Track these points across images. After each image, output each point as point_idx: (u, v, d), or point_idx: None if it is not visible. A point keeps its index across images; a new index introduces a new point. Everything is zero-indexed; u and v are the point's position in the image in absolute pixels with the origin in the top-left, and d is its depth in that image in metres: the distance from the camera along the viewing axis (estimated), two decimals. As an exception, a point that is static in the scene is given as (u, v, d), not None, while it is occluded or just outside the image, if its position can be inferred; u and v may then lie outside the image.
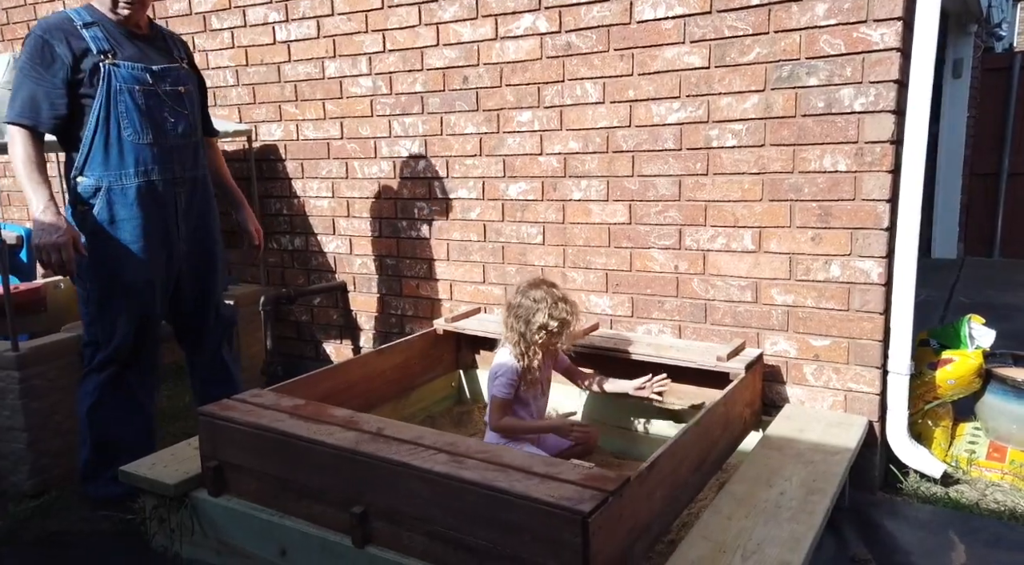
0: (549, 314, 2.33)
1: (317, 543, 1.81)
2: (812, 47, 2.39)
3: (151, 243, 2.39)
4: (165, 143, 2.40)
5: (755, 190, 2.56)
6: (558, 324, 2.34)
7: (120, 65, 2.29)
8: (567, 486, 1.53)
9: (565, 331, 2.36)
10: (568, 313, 2.35)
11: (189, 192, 2.51)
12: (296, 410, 2.00)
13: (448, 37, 3.13)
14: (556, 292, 2.40)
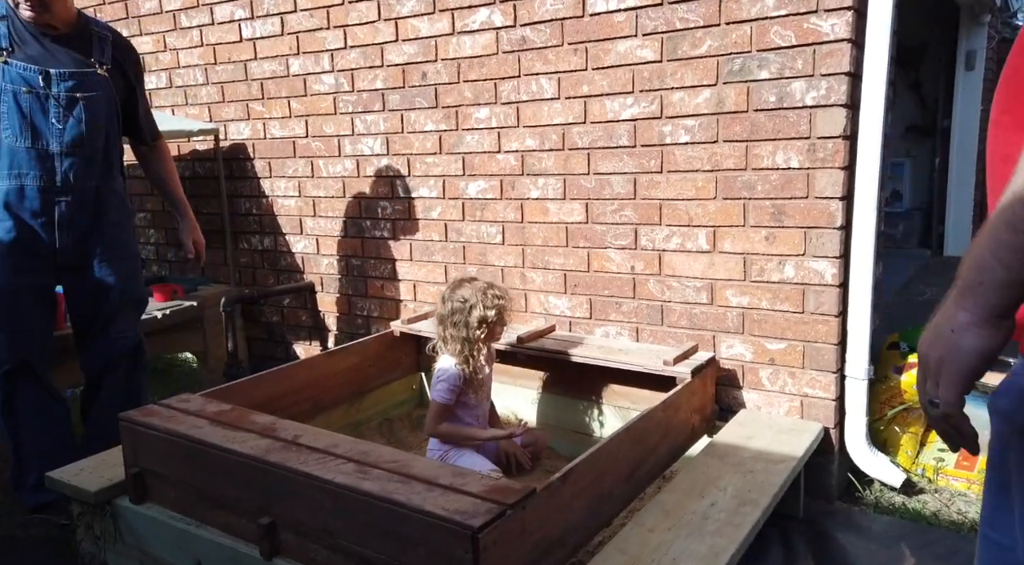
0: (483, 306, 2.29)
1: (229, 554, 1.77)
2: (763, 39, 2.30)
3: (15, 249, 2.28)
4: (46, 149, 2.28)
5: (709, 188, 2.48)
6: (495, 312, 2.31)
7: (12, 64, 2.23)
8: (466, 499, 1.47)
9: (504, 316, 2.35)
10: (500, 297, 2.33)
11: (76, 202, 2.35)
12: (218, 416, 1.95)
13: (407, 32, 3.07)
14: (479, 283, 2.37)
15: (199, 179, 3.98)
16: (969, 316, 0.71)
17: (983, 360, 0.73)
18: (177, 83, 3.96)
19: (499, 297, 2.32)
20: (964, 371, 0.73)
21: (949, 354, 0.74)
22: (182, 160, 4.04)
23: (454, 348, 2.32)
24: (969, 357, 0.73)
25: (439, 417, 2.33)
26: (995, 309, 0.71)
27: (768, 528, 2.23)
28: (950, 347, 0.73)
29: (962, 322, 0.72)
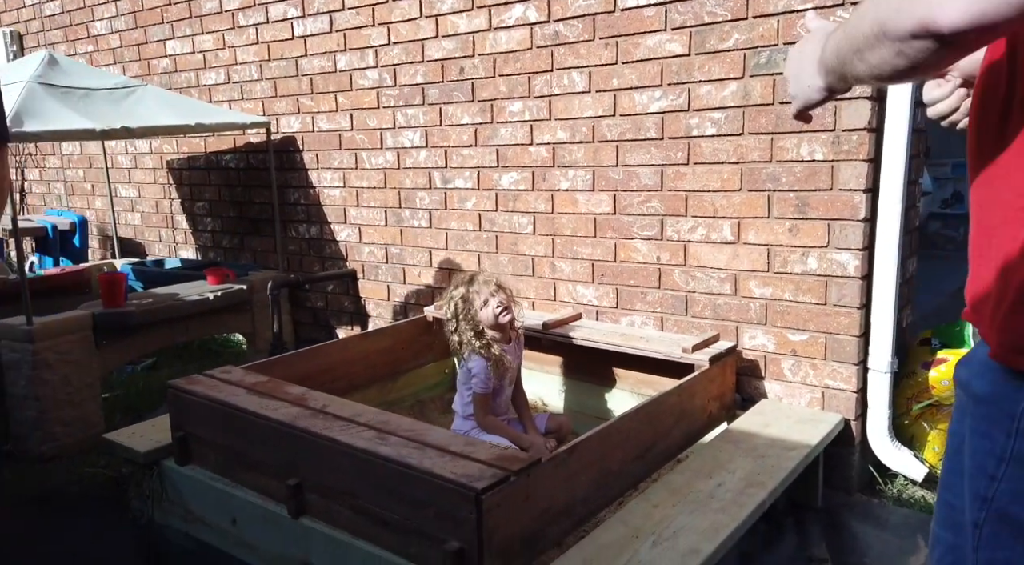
0: (477, 292, 2.36)
1: (260, 513, 1.91)
2: (789, 32, 2.32)
3: None
4: None
5: (734, 180, 2.51)
6: (494, 288, 2.37)
7: None
8: (474, 465, 1.56)
9: (504, 289, 2.40)
10: (488, 278, 2.40)
11: None
12: (254, 386, 2.10)
13: (446, 28, 3.18)
14: (462, 276, 2.48)
15: (252, 170, 4.18)
16: (821, 82, 0.95)
17: (817, 103, 1.00)
18: (234, 79, 4.17)
19: (487, 279, 2.39)
20: (806, 105, 1.01)
21: (800, 94, 1.00)
22: (237, 152, 4.26)
23: (471, 343, 2.37)
24: (812, 101, 0.99)
25: (485, 407, 2.40)
26: (830, 85, 0.95)
27: (785, 517, 2.27)
28: (803, 92, 0.99)
29: (815, 84, 0.97)
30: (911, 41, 0.74)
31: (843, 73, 0.89)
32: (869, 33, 0.79)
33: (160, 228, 4.89)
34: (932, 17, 0.70)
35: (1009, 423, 0.83)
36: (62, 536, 2.28)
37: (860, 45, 0.81)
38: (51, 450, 2.82)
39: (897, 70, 0.78)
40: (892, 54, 0.77)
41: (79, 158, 5.41)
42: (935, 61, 0.75)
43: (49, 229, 4.72)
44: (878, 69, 0.80)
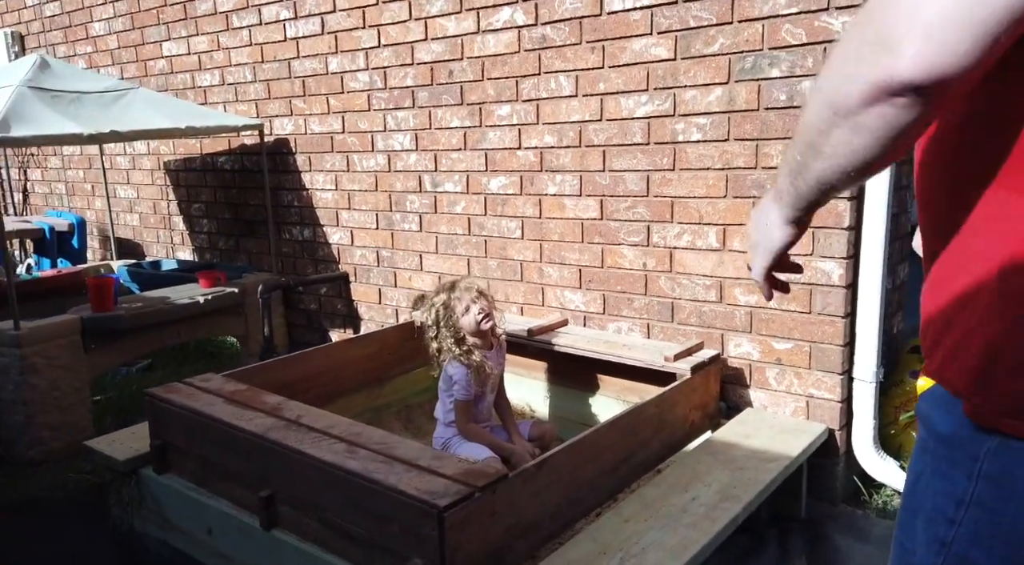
0: (459, 298, 2.34)
1: (234, 524, 1.91)
2: (774, 37, 2.29)
3: None
4: None
5: (719, 186, 2.48)
6: (476, 294, 2.35)
7: None
8: (439, 480, 1.55)
9: (485, 296, 2.38)
10: (469, 284, 2.38)
11: None
12: (233, 395, 2.10)
13: (435, 31, 3.16)
14: (443, 283, 2.47)
15: (246, 172, 4.19)
16: (778, 217, 0.87)
17: (784, 248, 0.91)
18: (229, 81, 4.17)
19: (467, 286, 2.36)
20: (769, 254, 0.91)
21: (762, 240, 0.91)
22: (232, 153, 4.26)
23: (451, 350, 2.35)
24: (774, 245, 0.90)
25: (466, 414, 2.38)
26: (791, 216, 0.86)
27: (768, 528, 2.25)
28: (763, 235, 0.90)
29: (773, 220, 0.88)
30: (867, 110, 0.65)
31: (801, 188, 0.79)
32: (819, 120, 0.71)
33: (158, 229, 4.90)
34: (887, 72, 0.62)
35: (971, 465, 0.78)
36: (44, 542, 2.29)
37: (812, 139, 0.72)
38: (39, 455, 2.84)
39: (862, 153, 0.68)
40: (850, 133, 0.67)
41: (79, 159, 5.43)
42: (906, 127, 0.65)
43: (47, 230, 4.75)
44: (840, 159, 0.70)
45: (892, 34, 0.62)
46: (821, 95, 0.71)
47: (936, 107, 0.64)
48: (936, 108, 0.64)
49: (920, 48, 0.60)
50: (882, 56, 0.63)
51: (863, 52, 0.65)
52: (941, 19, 0.60)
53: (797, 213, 0.86)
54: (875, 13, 0.65)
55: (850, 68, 0.66)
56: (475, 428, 2.37)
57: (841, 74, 0.68)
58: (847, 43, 0.69)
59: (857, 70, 0.65)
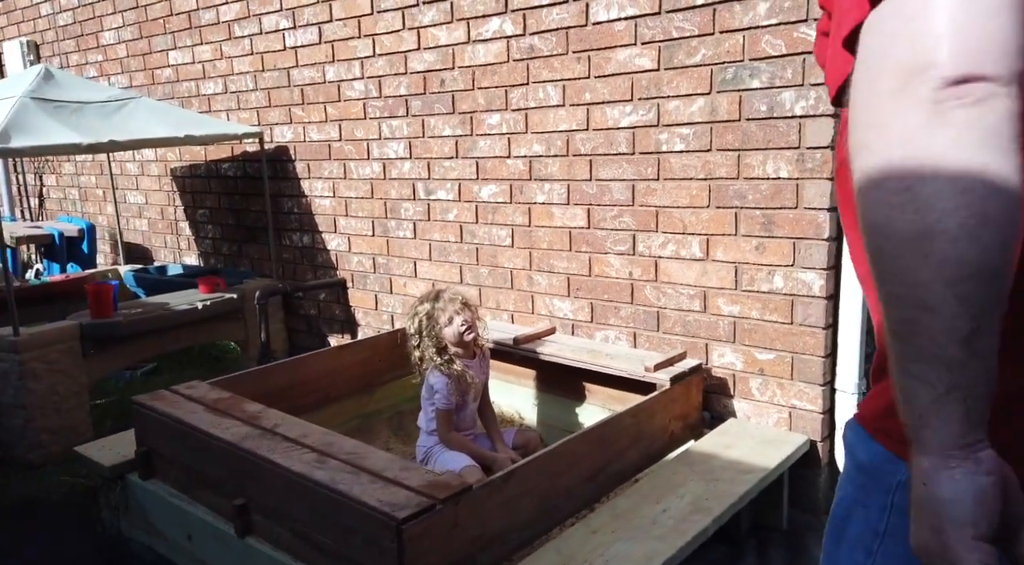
0: (443, 309, 2.35)
1: (211, 531, 1.94)
2: (755, 48, 2.28)
3: None
4: None
5: (702, 196, 2.48)
6: (459, 306, 2.36)
7: None
8: (402, 492, 1.57)
9: (469, 307, 2.39)
10: (453, 295, 2.39)
11: None
12: (215, 403, 2.14)
13: (427, 41, 3.19)
14: (428, 292, 2.47)
15: (248, 179, 4.24)
16: (931, 457, 0.53)
17: (980, 505, 0.51)
18: (231, 89, 4.23)
19: (452, 298, 2.38)
20: (963, 527, 0.51)
21: (937, 521, 0.53)
22: (235, 160, 4.32)
23: (432, 359, 2.36)
24: (960, 507, 0.51)
25: (447, 423, 2.39)
26: (954, 436, 0.52)
27: (748, 538, 2.24)
28: (932, 511, 0.53)
29: (927, 468, 0.53)
30: (944, 119, 0.51)
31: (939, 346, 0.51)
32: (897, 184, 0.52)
33: (166, 234, 4.99)
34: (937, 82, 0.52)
35: (885, 497, 0.77)
36: (33, 544, 2.35)
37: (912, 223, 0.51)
38: (38, 458, 2.91)
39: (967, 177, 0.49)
40: (935, 170, 0.50)
41: (91, 165, 5.54)
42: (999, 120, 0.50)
43: (56, 236, 4.85)
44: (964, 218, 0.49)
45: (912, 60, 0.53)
46: (874, 179, 0.53)
47: (1017, 87, 0.51)
48: (1017, 89, 0.51)
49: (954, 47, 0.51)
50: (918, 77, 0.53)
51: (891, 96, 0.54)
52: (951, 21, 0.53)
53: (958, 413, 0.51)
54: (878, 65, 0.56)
55: (891, 118, 0.53)
56: (456, 437, 2.39)
57: (882, 137, 0.54)
58: (864, 116, 0.57)
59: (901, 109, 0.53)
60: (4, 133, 2.90)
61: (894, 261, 0.52)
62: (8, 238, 4.83)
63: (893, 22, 0.56)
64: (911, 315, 0.51)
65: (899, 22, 0.56)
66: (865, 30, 0.59)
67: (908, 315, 0.52)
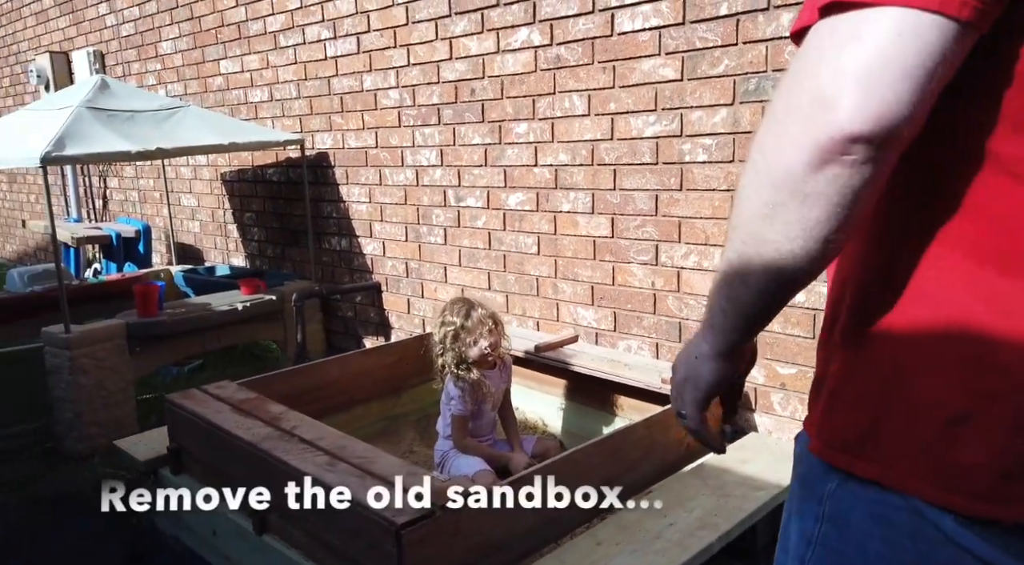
0: (471, 330, 2.37)
1: (233, 527, 2.03)
2: (778, 58, 2.26)
3: None
4: None
5: (725, 207, 2.46)
6: (489, 327, 2.38)
7: None
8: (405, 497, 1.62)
9: (497, 329, 2.40)
10: (483, 316, 2.38)
11: None
12: (241, 404, 2.23)
13: (459, 51, 3.25)
14: (460, 306, 2.44)
15: (291, 184, 4.38)
16: (708, 349, 0.78)
17: (717, 386, 0.81)
18: (276, 97, 4.38)
19: (482, 320, 2.38)
20: (702, 393, 0.81)
21: (691, 378, 0.82)
22: (279, 166, 4.47)
23: (451, 369, 2.41)
24: (706, 383, 0.80)
25: (462, 428, 2.43)
26: (724, 347, 0.78)
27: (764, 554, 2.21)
28: (692, 372, 0.81)
29: (703, 352, 0.79)
30: (816, 175, 0.59)
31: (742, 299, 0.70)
32: (760, 204, 0.63)
33: (215, 236, 5.18)
34: (831, 128, 0.58)
35: (817, 507, 0.80)
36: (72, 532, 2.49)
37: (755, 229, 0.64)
38: (86, 450, 3.07)
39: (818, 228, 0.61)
40: (799, 208, 0.60)
41: (149, 169, 5.79)
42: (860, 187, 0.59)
43: (113, 237, 5.09)
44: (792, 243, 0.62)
45: (825, 92, 0.59)
46: (757, 177, 0.64)
47: (888, 160, 0.60)
48: (888, 161, 0.60)
49: (860, 98, 0.57)
50: (821, 114, 0.59)
51: (797, 118, 0.61)
52: (871, 67, 0.58)
53: (733, 338, 0.75)
54: (799, 77, 0.62)
55: (787, 138, 0.61)
56: (471, 442, 2.43)
57: (778, 147, 0.62)
58: (776, 117, 0.64)
59: (796, 137, 0.60)
60: (60, 141, 3.07)
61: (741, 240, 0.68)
62: (70, 239, 5.11)
63: (827, 43, 0.62)
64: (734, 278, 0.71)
65: (831, 47, 0.61)
66: (808, 36, 0.65)
67: (732, 276, 0.71)
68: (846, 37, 0.60)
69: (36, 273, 4.30)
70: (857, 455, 0.74)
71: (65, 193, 6.66)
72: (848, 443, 0.75)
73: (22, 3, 6.81)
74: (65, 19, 6.29)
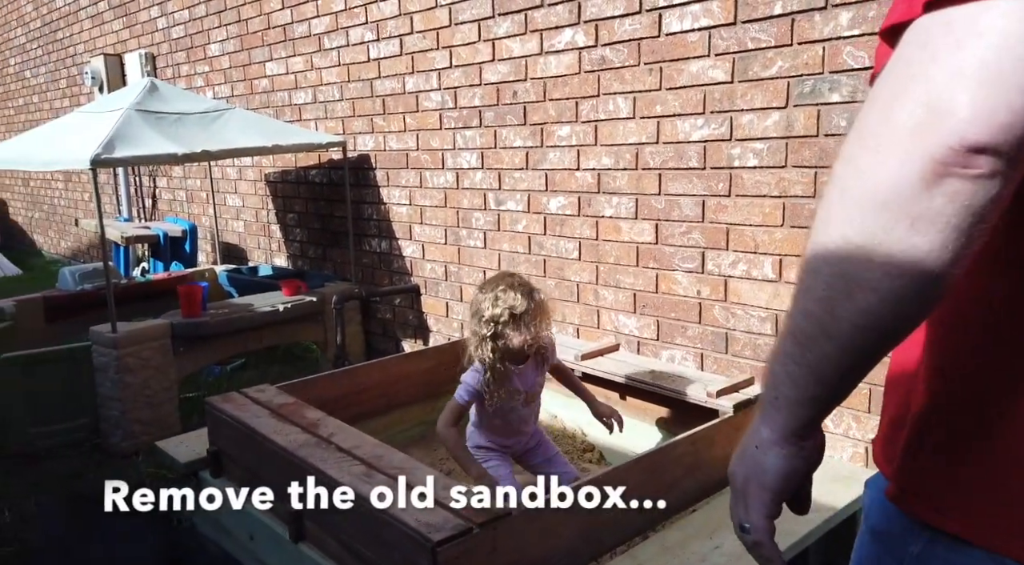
0: (524, 326, 2.05)
1: (270, 533, 2.02)
2: (835, 60, 2.15)
3: None
4: None
5: (776, 215, 2.36)
6: (506, 312, 2.04)
7: None
8: (441, 513, 1.58)
9: (523, 321, 2.04)
10: (515, 300, 2.04)
11: None
12: (280, 408, 2.22)
13: (501, 52, 3.21)
14: (508, 280, 2.10)
15: (332, 185, 4.40)
16: (771, 433, 0.65)
17: (787, 482, 0.67)
18: (320, 99, 4.40)
19: (515, 299, 2.04)
20: (770, 493, 0.67)
21: (754, 474, 0.68)
22: (321, 168, 4.49)
23: (473, 343, 2.13)
24: (775, 478, 0.66)
25: (453, 416, 2.15)
26: (794, 427, 0.64)
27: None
28: (754, 466, 0.67)
29: (765, 439, 0.65)
30: (931, 193, 0.50)
31: (822, 364, 0.57)
32: (856, 234, 0.53)
33: (259, 236, 5.25)
34: (950, 137, 0.49)
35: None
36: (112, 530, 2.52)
37: (845, 268, 0.53)
38: (130, 447, 3.12)
39: (932, 260, 0.50)
40: (909, 235, 0.50)
41: (197, 169, 5.90)
42: (985, 205, 0.50)
43: (161, 236, 5.19)
44: (897, 281, 0.52)
45: (940, 96, 0.50)
46: (848, 203, 0.54)
47: (1015, 177, 0.51)
48: (1014, 179, 0.51)
49: (983, 103, 0.49)
50: (936, 122, 0.50)
51: (903, 129, 0.52)
52: (996, 67, 0.49)
53: (807, 414, 0.62)
54: (903, 82, 0.54)
55: (891, 151, 0.52)
56: (454, 436, 2.14)
57: (878, 163, 0.52)
58: (870, 130, 0.55)
59: (904, 149, 0.51)
60: (110, 143, 3.13)
61: (824, 284, 0.56)
62: (119, 238, 5.23)
63: (939, 42, 0.53)
64: (814, 332, 0.58)
65: (944, 45, 0.52)
66: (909, 35, 0.56)
67: (812, 331, 0.58)
68: (964, 33, 0.51)
69: (86, 271, 4.41)
70: (949, 509, 0.65)
71: (117, 192, 6.84)
72: (938, 493, 0.66)
73: (79, 7, 7.00)
74: (119, 22, 6.45)
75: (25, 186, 8.85)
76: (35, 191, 8.62)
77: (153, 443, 3.06)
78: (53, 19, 7.52)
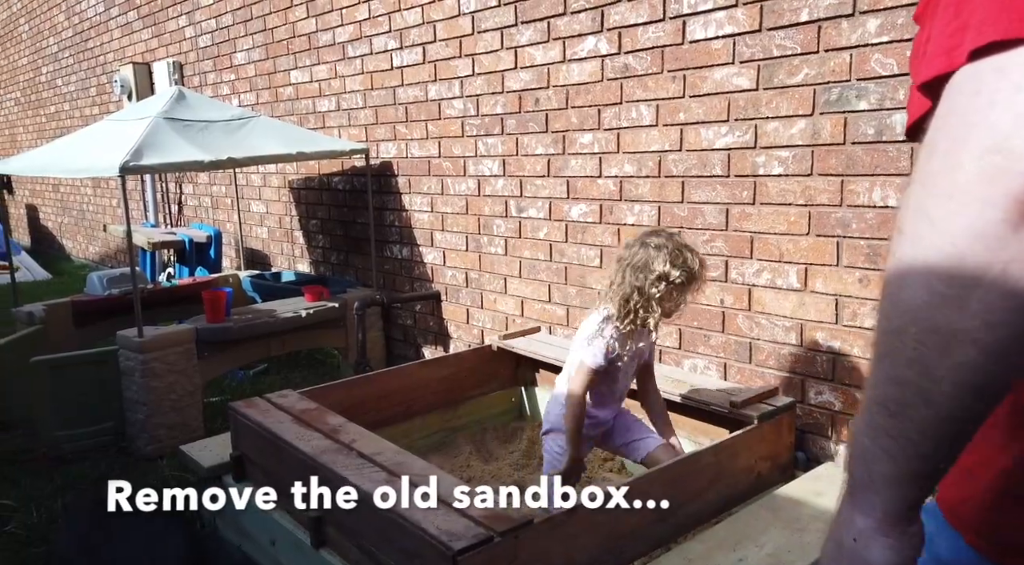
0: (670, 262, 1.89)
1: (291, 539, 2.03)
2: (863, 67, 2.13)
3: None
4: None
5: (801, 223, 2.34)
6: (683, 274, 1.90)
7: None
8: (461, 521, 1.58)
9: (691, 286, 1.94)
10: (694, 263, 1.92)
11: None
12: (302, 414, 2.24)
13: (524, 60, 3.21)
14: (679, 239, 1.97)
15: (355, 192, 4.43)
16: (869, 520, 0.57)
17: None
18: (343, 106, 4.44)
19: (693, 261, 1.93)
20: None
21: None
22: (344, 175, 4.53)
23: (622, 295, 1.94)
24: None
25: (587, 380, 1.98)
26: (896, 510, 0.56)
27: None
28: (855, 561, 0.58)
29: (862, 528, 0.57)
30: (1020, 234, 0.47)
31: (918, 428, 0.52)
32: (940, 286, 0.49)
33: (282, 242, 5.30)
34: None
35: None
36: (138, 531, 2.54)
37: (935, 322, 0.49)
38: (156, 451, 3.16)
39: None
40: (1000, 283, 0.48)
41: (222, 176, 5.97)
42: None
43: (186, 242, 5.26)
44: (994, 332, 0.48)
45: (1010, 140, 0.48)
46: (926, 255, 0.51)
47: None
48: None
49: None
50: (1012, 165, 0.48)
51: (974, 177, 0.49)
52: None
53: (911, 492, 0.55)
54: (961, 132, 0.51)
55: (966, 199, 0.49)
56: (583, 405, 2.01)
57: (955, 212, 0.49)
58: (934, 180, 0.52)
59: (981, 195, 0.48)
60: (138, 151, 3.18)
61: (913, 346, 0.51)
62: (146, 243, 5.30)
63: (994, 87, 0.51)
64: (908, 400, 0.52)
65: (1001, 90, 0.50)
66: (958, 84, 0.53)
67: (905, 399, 0.52)
68: (1021, 76, 0.49)
69: (114, 276, 4.48)
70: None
71: (144, 198, 6.94)
72: None
73: (109, 16, 7.15)
74: (148, 31, 6.57)
75: (55, 191, 9.02)
76: (64, 196, 8.79)
77: (177, 447, 3.10)
78: (84, 28, 7.68)
